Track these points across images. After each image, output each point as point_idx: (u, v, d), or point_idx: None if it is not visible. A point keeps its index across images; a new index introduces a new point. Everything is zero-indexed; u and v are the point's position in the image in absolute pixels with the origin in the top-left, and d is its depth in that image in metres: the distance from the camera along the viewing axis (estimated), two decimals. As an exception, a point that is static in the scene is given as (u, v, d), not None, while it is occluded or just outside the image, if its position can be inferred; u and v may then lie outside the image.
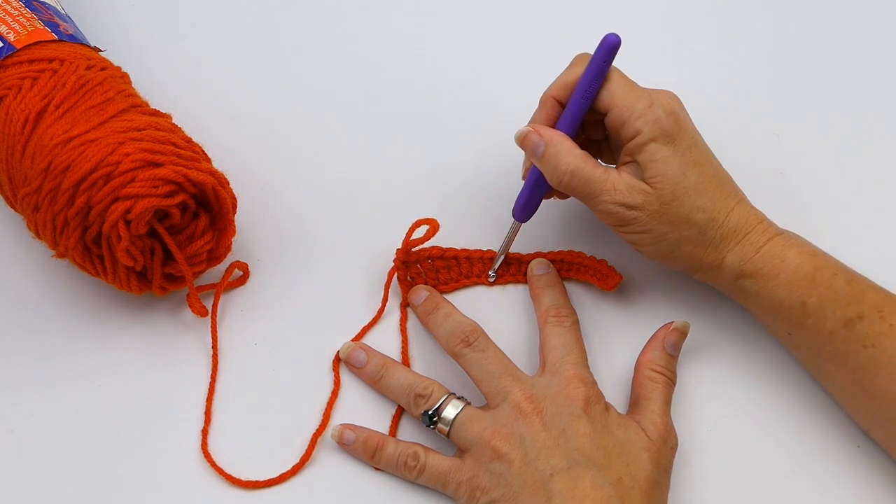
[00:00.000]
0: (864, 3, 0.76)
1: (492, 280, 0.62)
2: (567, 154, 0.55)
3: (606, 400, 0.55)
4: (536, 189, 0.59)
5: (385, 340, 0.60)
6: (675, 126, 0.55)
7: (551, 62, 0.61)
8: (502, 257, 0.61)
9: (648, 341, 0.58)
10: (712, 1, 0.76)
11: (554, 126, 0.57)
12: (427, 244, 0.60)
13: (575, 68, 0.57)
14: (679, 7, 0.76)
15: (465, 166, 0.66)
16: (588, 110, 0.56)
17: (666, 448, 0.53)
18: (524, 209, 0.60)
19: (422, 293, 0.60)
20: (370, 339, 0.59)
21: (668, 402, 0.56)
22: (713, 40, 0.74)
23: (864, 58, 0.73)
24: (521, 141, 0.57)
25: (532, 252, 0.62)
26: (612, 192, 0.55)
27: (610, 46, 0.55)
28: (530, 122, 0.58)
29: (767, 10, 0.76)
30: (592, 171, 0.55)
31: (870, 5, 0.76)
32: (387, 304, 0.60)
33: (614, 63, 0.56)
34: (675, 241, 0.55)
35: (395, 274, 0.61)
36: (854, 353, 0.53)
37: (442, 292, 0.61)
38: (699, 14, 0.75)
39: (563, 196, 0.60)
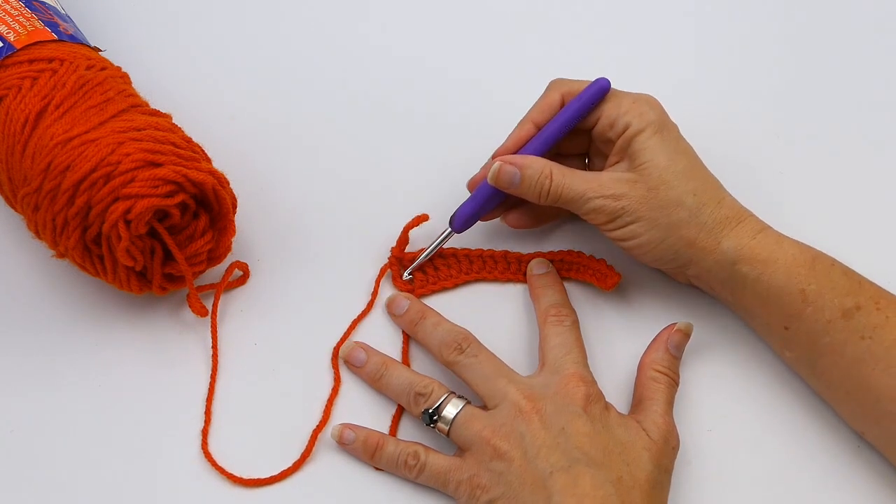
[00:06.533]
0: (865, 4, 0.76)
1: (405, 279, 0.61)
2: (545, 168, 0.57)
3: (606, 399, 0.55)
4: (485, 205, 0.60)
5: (385, 339, 0.60)
6: (661, 118, 0.57)
7: (550, 61, 0.61)
8: (425, 260, 0.61)
9: (652, 342, 0.58)
10: (713, 2, 0.76)
11: (525, 144, 0.59)
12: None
13: (552, 94, 0.59)
14: (680, 8, 0.76)
15: (465, 166, 0.66)
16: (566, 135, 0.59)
17: (667, 448, 0.53)
18: (467, 222, 0.60)
19: (402, 302, 0.60)
20: (370, 339, 0.59)
21: (670, 403, 0.56)
22: (714, 40, 0.74)
23: (865, 58, 0.73)
24: (496, 177, 0.58)
25: (532, 252, 0.62)
26: (597, 189, 0.56)
27: (600, 89, 0.57)
28: (493, 154, 0.60)
29: (768, 11, 0.76)
30: (572, 176, 0.57)
31: (871, 6, 0.76)
32: (378, 298, 0.61)
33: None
34: (668, 225, 0.55)
35: (389, 270, 0.61)
36: (851, 345, 0.53)
37: (442, 289, 0.61)
38: (700, 14, 0.75)
39: (515, 222, 0.61)
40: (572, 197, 0.56)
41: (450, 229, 0.60)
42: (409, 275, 0.61)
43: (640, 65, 0.71)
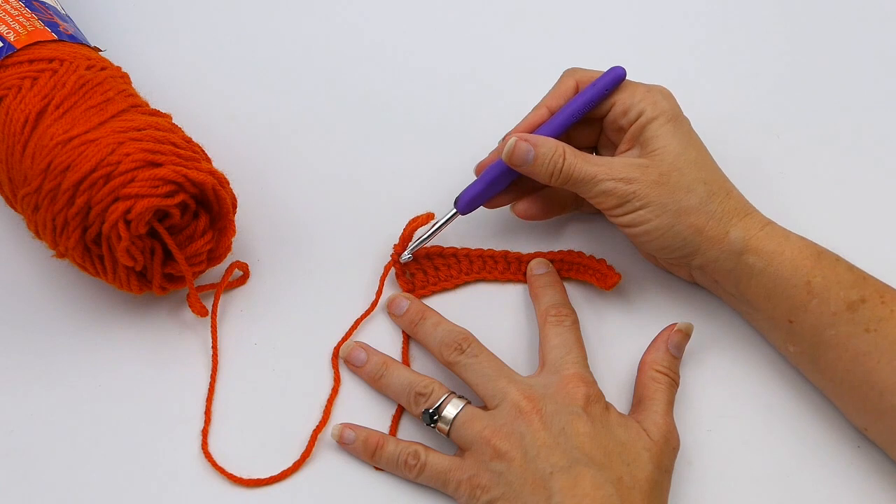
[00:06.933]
0: (866, 4, 0.76)
1: (404, 261, 0.61)
2: (559, 147, 0.57)
3: (606, 399, 0.55)
4: (491, 187, 0.59)
5: (385, 339, 0.60)
6: (675, 109, 0.57)
7: (550, 61, 0.61)
8: (426, 242, 0.61)
9: (652, 342, 0.58)
10: (713, 1, 0.76)
11: (538, 128, 0.59)
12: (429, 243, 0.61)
13: (567, 80, 0.60)
14: (680, 7, 0.76)
15: (465, 165, 0.66)
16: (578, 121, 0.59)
17: (668, 448, 0.53)
18: (471, 203, 0.60)
19: (402, 302, 0.60)
20: (371, 339, 0.59)
21: (670, 403, 0.56)
22: (714, 40, 0.74)
23: (865, 58, 0.73)
24: (511, 153, 0.57)
25: (532, 252, 0.62)
26: (609, 171, 0.56)
27: (616, 77, 0.58)
28: (511, 131, 0.60)
29: (769, 11, 0.76)
30: (585, 158, 0.57)
31: (872, 6, 0.76)
32: (381, 298, 0.60)
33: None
34: (677, 211, 0.55)
35: (393, 269, 0.61)
36: (855, 338, 0.53)
37: (443, 289, 0.61)
38: (700, 14, 0.75)
39: (523, 210, 0.61)
40: (583, 178, 0.56)
41: (455, 210, 0.60)
42: (408, 255, 0.61)
43: (641, 64, 0.71)
